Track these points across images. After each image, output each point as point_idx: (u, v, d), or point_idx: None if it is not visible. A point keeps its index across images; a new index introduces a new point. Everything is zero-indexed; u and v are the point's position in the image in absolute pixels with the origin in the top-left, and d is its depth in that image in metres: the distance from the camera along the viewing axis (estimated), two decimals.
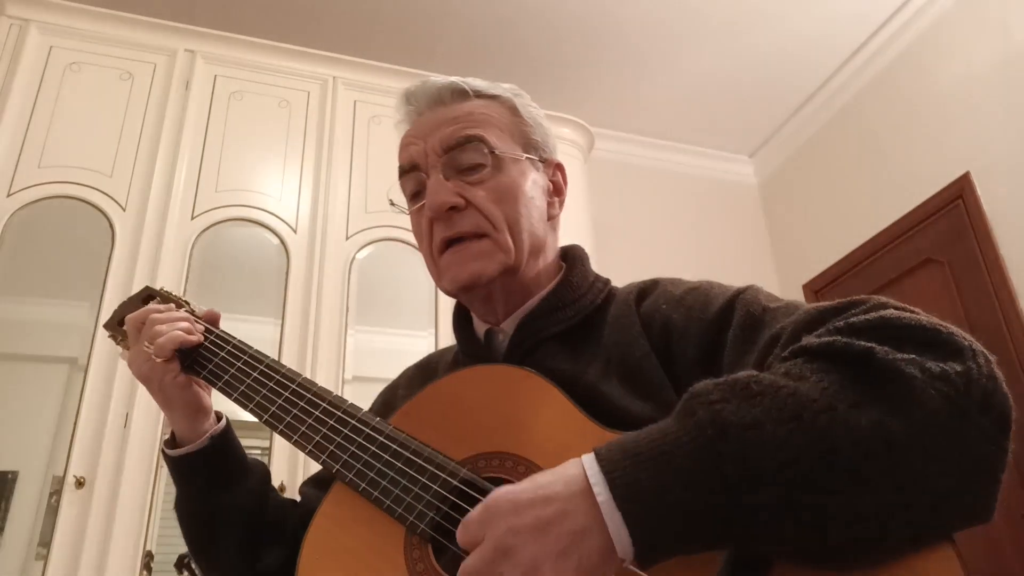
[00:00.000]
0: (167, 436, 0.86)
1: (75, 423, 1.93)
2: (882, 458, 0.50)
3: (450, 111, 0.83)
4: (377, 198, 2.49)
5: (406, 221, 0.88)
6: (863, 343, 0.54)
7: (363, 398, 0.87)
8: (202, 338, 0.85)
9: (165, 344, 0.81)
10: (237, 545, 0.83)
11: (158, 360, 0.81)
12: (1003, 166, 2.64)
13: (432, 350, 2.29)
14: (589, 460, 0.54)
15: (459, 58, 3.11)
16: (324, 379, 2.14)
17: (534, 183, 0.84)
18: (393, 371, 1.01)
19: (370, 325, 2.38)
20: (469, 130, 0.81)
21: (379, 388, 0.99)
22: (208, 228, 2.29)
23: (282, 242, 2.33)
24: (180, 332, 0.82)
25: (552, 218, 0.86)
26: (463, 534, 0.54)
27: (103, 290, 2.09)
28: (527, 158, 0.84)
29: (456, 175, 0.80)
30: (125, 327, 0.88)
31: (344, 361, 2.22)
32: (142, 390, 2.01)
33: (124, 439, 1.94)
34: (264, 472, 0.88)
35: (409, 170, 0.83)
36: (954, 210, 2.79)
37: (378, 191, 2.50)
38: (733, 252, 3.63)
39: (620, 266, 3.16)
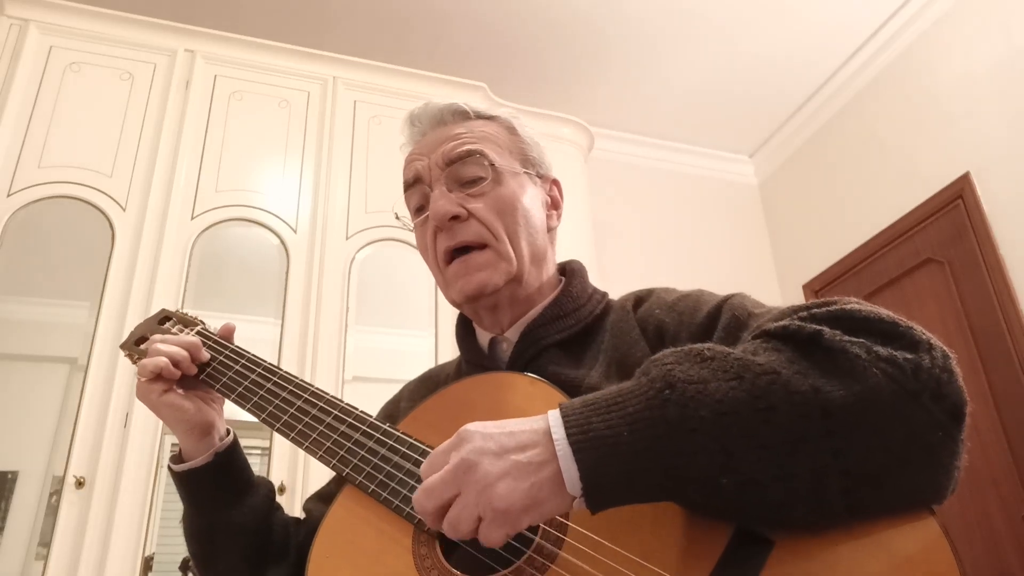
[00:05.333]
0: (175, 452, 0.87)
1: (75, 423, 1.93)
2: (818, 421, 0.53)
3: (452, 129, 0.87)
4: (377, 198, 2.49)
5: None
6: (815, 326, 0.58)
7: (363, 398, 0.88)
8: (185, 363, 0.86)
9: (146, 364, 0.83)
10: (240, 562, 0.84)
11: (142, 380, 0.83)
12: (1003, 166, 2.64)
13: (432, 350, 2.31)
14: (553, 411, 0.59)
15: (459, 58, 3.11)
16: (324, 379, 2.14)
17: (532, 196, 0.88)
18: (393, 371, 1.02)
19: (370, 325, 2.39)
20: (470, 145, 0.85)
21: (379, 388, 1.00)
22: (208, 228, 2.29)
23: (282, 242, 2.33)
24: (162, 359, 0.83)
25: (551, 230, 0.91)
26: (429, 462, 0.59)
27: (103, 290, 2.09)
28: (525, 172, 0.88)
29: (458, 188, 0.84)
30: (143, 348, 0.90)
31: (344, 361, 2.22)
32: None
33: (124, 439, 1.94)
34: (269, 490, 0.89)
35: (413, 183, 0.87)
36: (954, 210, 2.79)
37: (378, 191, 2.50)
38: (733, 252, 3.63)
39: (620, 266, 3.19)
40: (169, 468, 0.86)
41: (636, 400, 0.56)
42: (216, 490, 0.84)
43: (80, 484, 1.86)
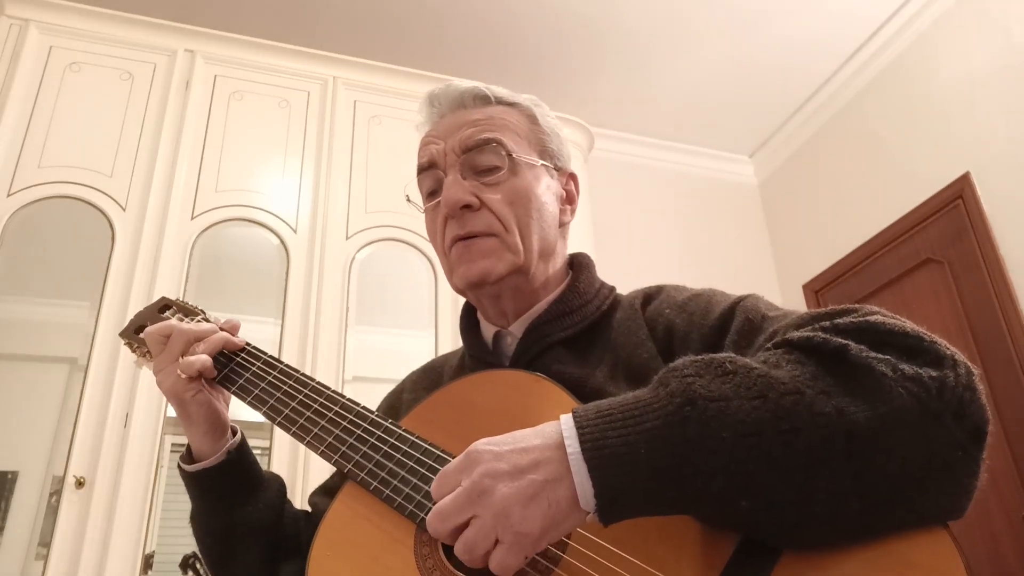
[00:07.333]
0: (183, 451, 0.86)
1: (75, 423, 1.93)
2: (841, 445, 0.51)
3: (471, 114, 0.85)
4: (377, 198, 2.49)
5: (406, 221, 0.90)
6: (840, 340, 0.56)
7: (363, 398, 0.88)
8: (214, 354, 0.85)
9: (193, 363, 0.81)
10: (255, 559, 0.83)
11: (183, 376, 0.81)
12: (1003, 166, 2.64)
13: (432, 350, 2.31)
14: (566, 417, 0.57)
15: (459, 58, 3.11)
16: (324, 379, 2.11)
17: (547, 189, 0.86)
18: (393, 371, 1.01)
19: (370, 325, 2.39)
20: (488, 133, 0.83)
21: (379, 388, 1.00)
22: (208, 228, 2.29)
23: (282, 242, 2.33)
24: (207, 358, 0.82)
25: (563, 225, 0.89)
26: (440, 483, 0.57)
27: (103, 290, 2.09)
28: (542, 164, 0.86)
29: (473, 176, 0.82)
30: (143, 336, 0.88)
31: (344, 361, 2.22)
32: (142, 390, 2.02)
33: (124, 439, 1.94)
34: (280, 485, 0.89)
35: (428, 168, 0.85)
36: (954, 210, 2.78)
37: (378, 191, 2.50)
38: (733, 252, 3.63)
39: (620, 266, 3.17)
40: (180, 469, 0.84)
41: (654, 414, 0.54)
42: (231, 488, 0.83)
43: (80, 484, 1.86)
